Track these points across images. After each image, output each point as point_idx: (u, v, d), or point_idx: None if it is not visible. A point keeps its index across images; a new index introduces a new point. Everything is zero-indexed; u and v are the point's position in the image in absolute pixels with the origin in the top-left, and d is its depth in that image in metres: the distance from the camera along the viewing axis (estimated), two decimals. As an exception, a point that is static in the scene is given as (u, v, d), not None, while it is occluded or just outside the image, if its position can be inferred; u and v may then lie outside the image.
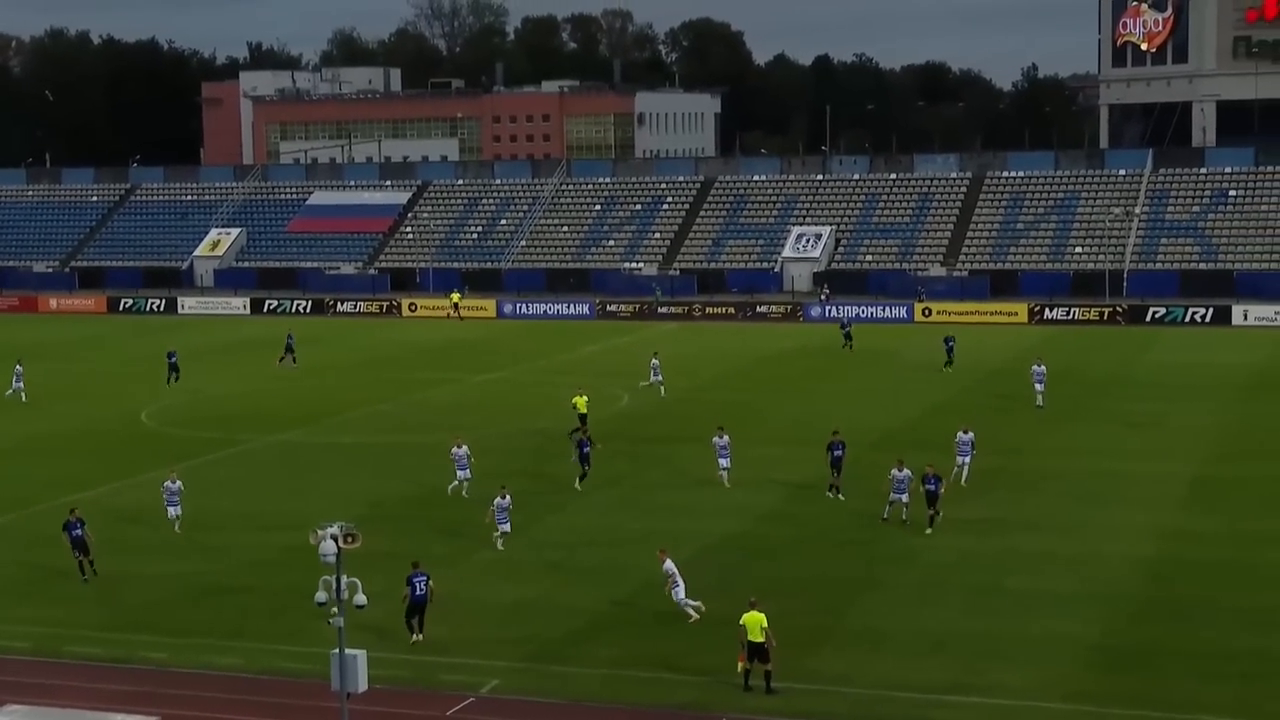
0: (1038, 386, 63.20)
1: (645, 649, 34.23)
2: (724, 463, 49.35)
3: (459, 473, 48.35)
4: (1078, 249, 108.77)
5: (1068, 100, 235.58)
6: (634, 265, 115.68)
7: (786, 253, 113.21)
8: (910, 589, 38.28)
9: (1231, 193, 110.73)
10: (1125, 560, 40.53)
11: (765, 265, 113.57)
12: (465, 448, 48.71)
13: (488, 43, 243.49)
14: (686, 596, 35.61)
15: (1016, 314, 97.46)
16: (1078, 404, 62.62)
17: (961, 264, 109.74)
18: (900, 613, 36.45)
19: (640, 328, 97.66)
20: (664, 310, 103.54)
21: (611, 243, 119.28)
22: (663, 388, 68.27)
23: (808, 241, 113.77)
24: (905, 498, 43.67)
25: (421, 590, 34.76)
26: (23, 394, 69.56)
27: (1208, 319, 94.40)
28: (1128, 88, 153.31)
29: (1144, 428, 59.24)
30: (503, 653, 34.04)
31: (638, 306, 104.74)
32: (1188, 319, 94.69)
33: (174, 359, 74.24)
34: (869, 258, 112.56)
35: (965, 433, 49.30)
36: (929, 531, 42.52)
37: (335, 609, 26.52)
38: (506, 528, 42.13)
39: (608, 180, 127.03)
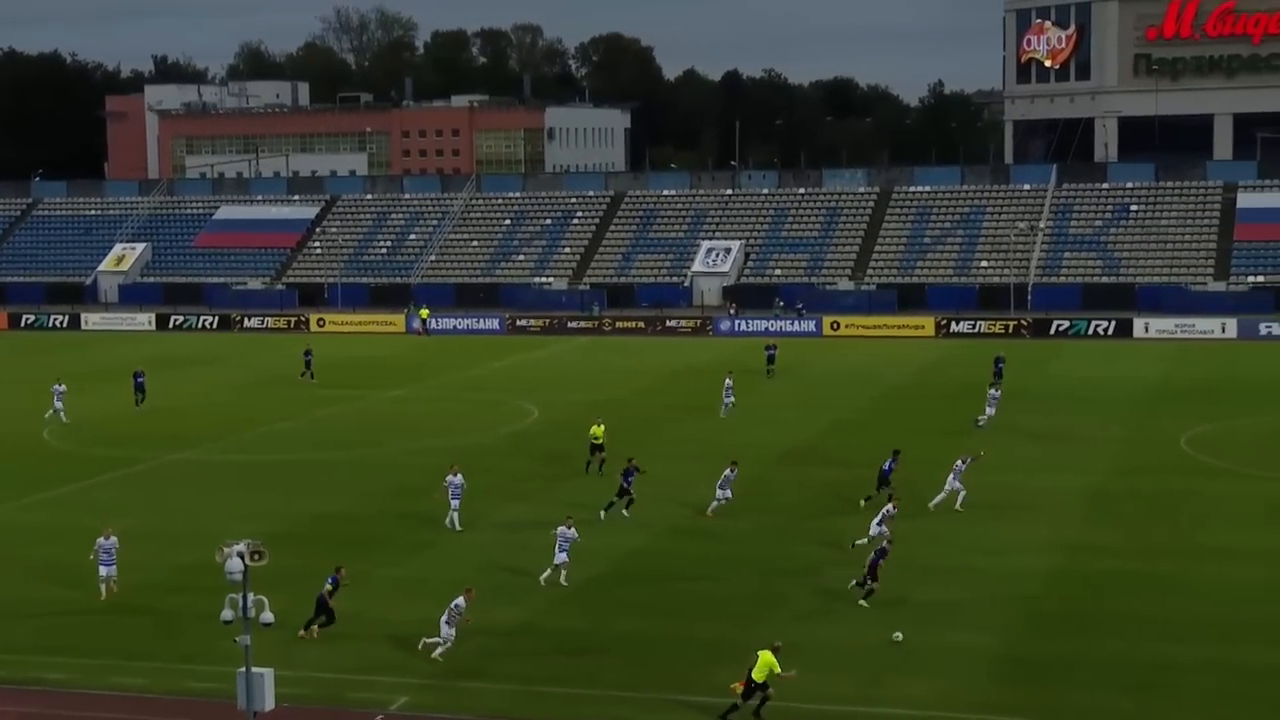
0: (989, 410, 62.51)
1: (556, 665, 34.21)
2: (723, 494, 47.46)
3: (453, 502, 46.12)
4: (983, 263, 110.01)
5: (973, 116, 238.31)
6: (544, 280, 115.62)
7: (696, 267, 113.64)
8: (816, 602, 38.46)
9: (1133, 207, 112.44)
10: (1029, 572, 41.00)
11: (675, 279, 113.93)
12: (460, 476, 46.34)
13: (397, 57, 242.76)
14: (437, 638, 34.63)
15: (924, 328, 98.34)
16: (983, 417, 63.15)
17: (869, 278, 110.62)
18: (806, 626, 36.63)
19: (550, 342, 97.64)
20: (573, 325, 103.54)
21: (521, 257, 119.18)
22: (733, 405, 66.20)
23: (717, 256, 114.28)
24: (867, 541, 41.99)
25: (326, 588, 35.70)
26: (62, 415, 66.32)
27: (1110, 332, 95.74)
28: (1032, 104, 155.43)
29: (1047, 440, 59.94)
30: (412, 669, 33.90)
31: (547, 321, 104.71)
32: (1090, 332, 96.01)
33: (141, 379, 71.39)
34: (778, 272, 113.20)
35: (963, 461, 48.19)
36: (863, 604, 38.40)
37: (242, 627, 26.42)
38: (564, 558, 39.83)
39: (517, 195, 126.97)
